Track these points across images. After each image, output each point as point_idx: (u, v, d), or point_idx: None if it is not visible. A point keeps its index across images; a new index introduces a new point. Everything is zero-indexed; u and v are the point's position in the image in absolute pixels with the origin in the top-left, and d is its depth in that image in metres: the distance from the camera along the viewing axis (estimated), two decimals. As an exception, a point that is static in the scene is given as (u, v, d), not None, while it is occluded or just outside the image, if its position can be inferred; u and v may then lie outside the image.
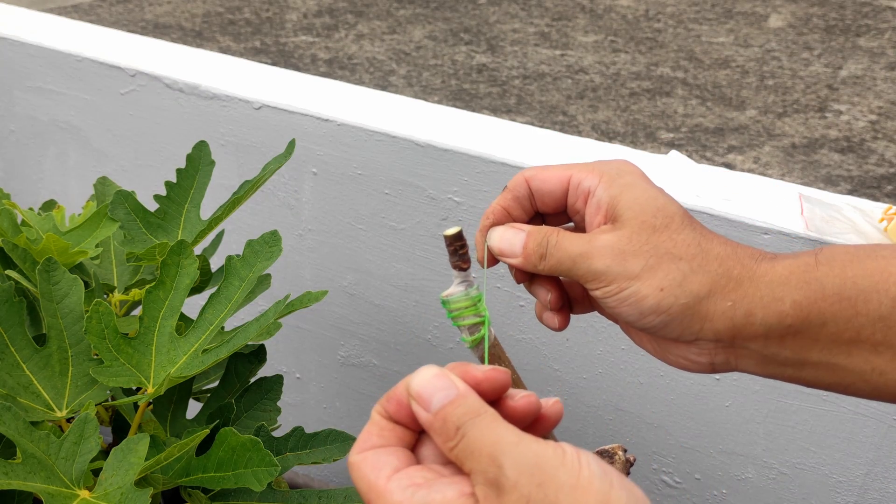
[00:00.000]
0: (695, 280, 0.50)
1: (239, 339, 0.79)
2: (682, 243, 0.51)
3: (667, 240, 0.51)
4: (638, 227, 0.51)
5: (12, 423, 0.70)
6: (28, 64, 1.44)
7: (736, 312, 0.50)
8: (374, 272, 1.25)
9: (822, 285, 0.49)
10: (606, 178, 0.53)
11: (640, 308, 0.51)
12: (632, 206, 0.52)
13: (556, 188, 0.55)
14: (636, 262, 0.51)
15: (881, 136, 3.03)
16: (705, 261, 0.51)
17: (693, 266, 0.50)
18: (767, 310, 0.50)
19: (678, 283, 0.50)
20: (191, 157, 0.95)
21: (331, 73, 3.49)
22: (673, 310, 0.50)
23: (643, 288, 0.50)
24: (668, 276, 0.50)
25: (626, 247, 0.51)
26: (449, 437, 0.39)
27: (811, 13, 4.15)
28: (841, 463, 1.05)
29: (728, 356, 0.52)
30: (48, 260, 0.81)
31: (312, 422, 1.40)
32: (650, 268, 0.50)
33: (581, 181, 0.54)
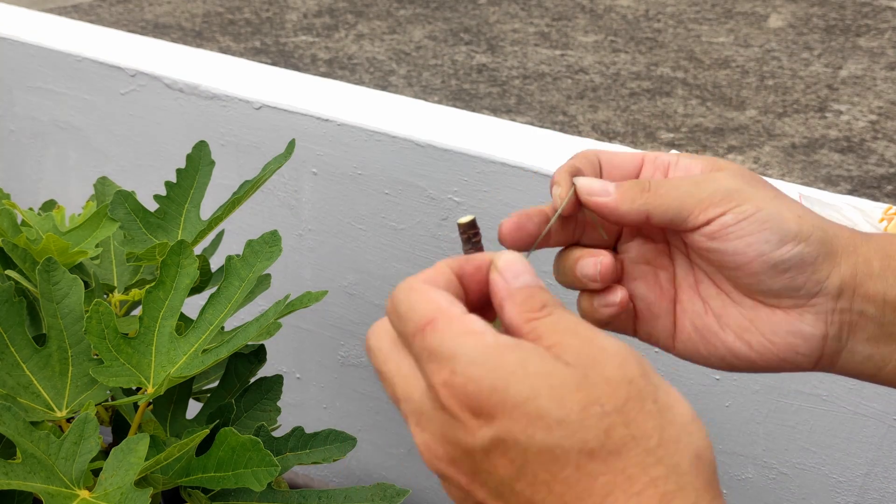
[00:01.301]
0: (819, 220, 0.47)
1: (239, 339, 0.79)
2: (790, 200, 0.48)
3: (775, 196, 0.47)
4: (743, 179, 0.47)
5: (12, 423, 0.70)
6: (28, 64, 1.44)
7: (858, 257, 0.46)
8: (374, 272, 1.25)
9: None
10: (688, 155, 0.50)
11: (782, 231, 0.45)
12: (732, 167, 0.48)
13: (628, 163, 0.50)
14: (769, 188, 0.46)
15: (881, 136, 3.03)
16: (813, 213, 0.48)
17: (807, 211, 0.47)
18: (884, 262, 0.46)
19: (811, 216, 0.46)
20: (191, 157, 0.95)
21: (331, 73, 3.49)
22: (812, 237, 0.45)
23: (784, 211, 0.45)
24: (801, 209, 0.46)
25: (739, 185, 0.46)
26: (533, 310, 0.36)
27: (811, 13, 4.15)
28: (841, 463, 1.05)
29: (842, 326, 0.47)
30: (48, 260, 0.81)
31: (312, 422, 1.40)
32: (781, 198, 0.46)
33: (658, 156, 0.50)
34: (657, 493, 0.32)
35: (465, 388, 0.34)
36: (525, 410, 0.33)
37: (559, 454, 0.32)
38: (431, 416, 0.35)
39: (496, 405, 0.33)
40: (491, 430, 0.33)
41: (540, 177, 1.08)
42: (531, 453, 0.33)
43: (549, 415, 0.32)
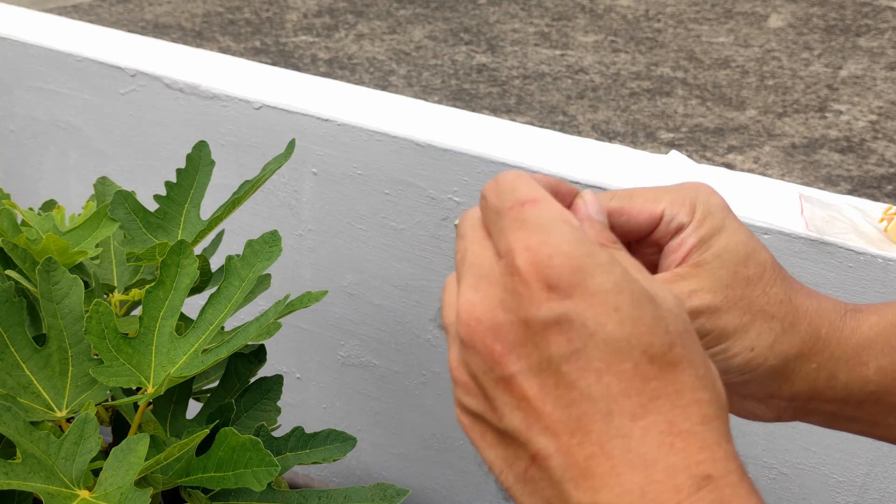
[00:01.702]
0: (785, 341, 0.47)
1: (239, 339, 0.79)
2: (774, 299, 0.47)
3: (761, 294, 0.47)
4: (731, 279, 0.46)
5: (12, 423, 0.70)
6: (28, 64, 1.44)
7: (819, 374, 0.47)
8: (374, 272, 1.25)
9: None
10: (699, 214, 0.47)
11: (727, 366, 0.47)
12: (723, 252, 0.47)
13: (644, 224, 0.48)
14: (730, 320, 0.46)
15: (881, 136, 3.03)
16: (796, 319, 0.47)
17: (784, 326, 0.47)
18: (851, 374, 0.47)
19: (769, 345, 0.46)
20: (191, 157, 0.94)
21: (331, 73, 3.49)
22: (759, 370, 0.47)
23: (734, 346, 0.46)
24: (761, 337, 0.46)
25: (720, 303, 0.46)
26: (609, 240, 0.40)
27: (811, 13, 4.15)
28: (841, 463, 1.05)
29: (797, 414, 0.49)
30: (48, 260, 0.81)
31: (312, 422, 1.40)
32: (743, 326, 0.46)
33: (675, 216, 0.47)
34: (700, 412, 0.34)
35: (550, 259, 0.34)
36: (604, 299, 0.34)
37: (623, 347, 0.33)
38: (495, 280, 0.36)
39: (576, 285, 0.34)
40: (562, 306, 0.34)
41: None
42: (596, 339, 0.33)
43: (625, 311, 0.34)
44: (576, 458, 0.33)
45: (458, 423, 0.39)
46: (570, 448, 0.34)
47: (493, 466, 0.37)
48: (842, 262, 0.97)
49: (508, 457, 0.36)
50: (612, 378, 0.33)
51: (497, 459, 0.36)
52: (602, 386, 0.33)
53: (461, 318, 0.36)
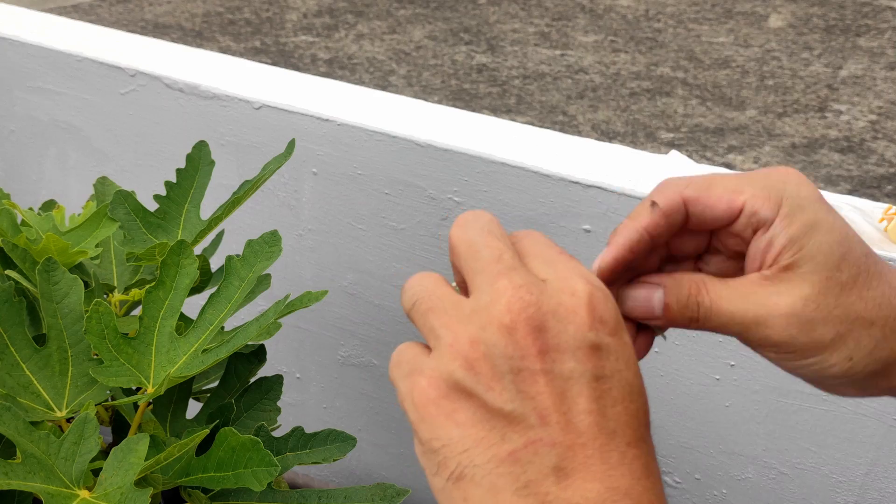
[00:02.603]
0: (886, 347, 0.45)
1: (239, 339, 0.79)
2: (872, 303, 0.44)
3: (857, 300, 0.44)
4: (824, 285, 0.43)
5: (12, 423, 0.70)
6: (28, 64, 1.44)
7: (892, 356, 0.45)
8: (374, 272, 1.25)
9: None
10: (786, 209, 0.44)
11: (824, 376, 0.45)
12: (816, 254, 0.44)
13: (722, 216, 0.45)
14: (826, 332, 0.44)
15: (881, 136, 3.03)
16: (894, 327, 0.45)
17: (885, 332, 0.44)
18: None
19: (869, 352, 0.44)
20: (191, 157, 0.94)
21: (331, 73, 3.49)
22: (858, 377, 0.45)
23: (831, 358, 0.44)
24: (860, 345, 0.44)
25: (813, 314, 0.43)
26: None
27: (811, 13, 4.15)
28: (841, 463, 1.05)
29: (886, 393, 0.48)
30: (48, 260, 0.81)
31: (312, 422, 1.40)
32: (841, 337, 0.44)
33: (757, 211, 0.44)
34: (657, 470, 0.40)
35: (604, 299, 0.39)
36: (630, 351, 0.40)
37: (634, 392, 0.39)
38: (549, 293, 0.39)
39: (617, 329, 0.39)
40: (607, 339, 0.39)
41: (540, 177, 1.08)
42: (621, 375, 0.39)
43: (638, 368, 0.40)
44: (576, 454, 0.37)
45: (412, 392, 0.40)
46: (574, 445, 0.37)
47: (450, 444, 0.38)
48: (842, 262, 0.97)
49: (489, 437, 0.38)
50: (623, 408, 0.39)
51: (464, 438, 0.38)
52: (615, 411, 0.38)
53: (511, 307, 0.38)
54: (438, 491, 0.39)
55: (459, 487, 0.38)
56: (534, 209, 1.10)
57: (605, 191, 1.05)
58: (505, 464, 0.38)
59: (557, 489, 0.37)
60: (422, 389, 0.39)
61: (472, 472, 0.38)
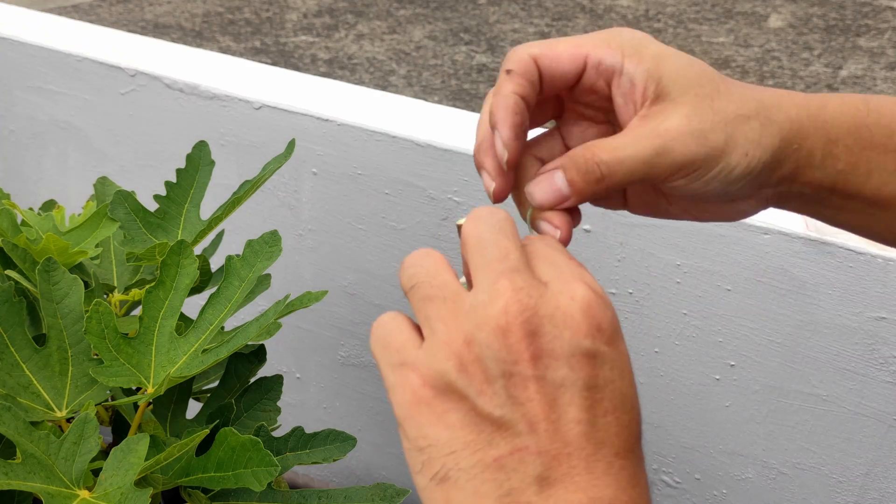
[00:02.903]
0: (768, 134, 0.48)
1: (239, 339, 0.79)
2: (739, 100, 0.48)
3: (727, 103, 0.47)
4: (695, 101, 0.47)
5: (12, 423, 0.70)
6: (28, 64, 1.44)
7: (800, 154, 0.49)
8: (374, 272, 1.25)
9: (872, 133, 0.49)
10: (630, 51, 0.48)
11: (730, 179, 0.48)
12: (676, 78, 0.47)
13: (569, 69, 0.48)
14: (717, 137, 0.47)
15: (881, 136, 3.03)
16: (768, 111, 0.48)
17: (762, 120, 0.48)
18: (825, 151, 0.49)
19: (757, 143, 0.48)
20: (191, 157, 0.94)
21: (331, 73, 3.49)
22: (756, 170, 0.48)
23: (731, 159, 0.47)
24: (749, 139, 0.48)
25: (700, 125, 0.47)
26: None
27: (811, 13, 4.15)
28: (841, 463, 1.05)
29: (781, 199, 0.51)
30: (48, 260, 0.81)
31: (312, 422, 1.40)
32: (731, 137, 0.47)
33: (602, 59, 0.48)
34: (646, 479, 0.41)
35: (605, 308, 0.39)
36: (625, 361, 0.40)
37: (626, 402, 0.39)
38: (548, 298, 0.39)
39: (614, 339, 0.39)
40: (603, 348, 0.38)
41: (540, 177, 1.08)
42: (614, 385, 0.39)
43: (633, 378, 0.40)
44: (561, 464, 0.37)
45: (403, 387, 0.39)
46: (560, 455, 0.37)
47: (437, 444, 0.38)
48: (842, 262, 0.97)
49: (476, 441, 0.38)
50: (614, 419, 0.38)
51: (452, 440, 0.38)
52: (605, 421, 0.38)
53: (508, 310, 0.38)
54: (421, 489, 0.39)
55: (442, 489, 0.38)
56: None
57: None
58: (490, 469, 0.38)
59: (539, 499, 0.37)
60: (414, 387, 0.39)
61: (456, 475, 0.38)
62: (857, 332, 0.99)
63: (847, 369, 1.01)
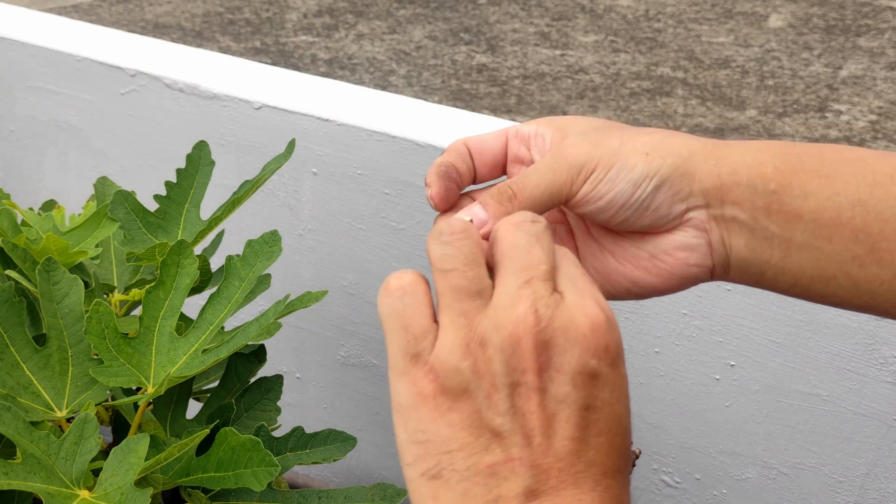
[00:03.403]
0: (673, 142, 0.51)
1: (239, 339, 0.79)
2: (643, 128, 0.52)
3: (626, 128, 0.52)
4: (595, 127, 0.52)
5: (12, 423, 0.70)
6: (28, 64, 1.44)
7: (721, 169, 0.50)
8: (374, 272, 1.25)
9: (801, 160, 0.49)
10: (543, 122, 0.54)
11: (632, 177, 0.50)
12: (574, 126, 0.53)
13: (495, 144, 0.55)
14: (613, 138, 0.51)
15: (881, 136, 3.03)
16: (673, 133, 0.51)
17: (664, 135, 0.51)
18: (751, 170, 0.49)
19: (659, 144, 0.50)
20: (191, 157, 0.94)
21: (331, 73, 3.49)
22: (663, 170, 0.50)
23: (630, 158, 0.50)
24: (649, 141, 0.51)
25: (595, 132, 0.51)
26: None
27: (811, 13, 4.15)
28: (841, 463, 1.05)
29: (721, 231, 0.51)
30: (48, 260, 0.81)
31: (312, 422, 1.40)
32: (628, 139, 0.51)
33: (518, 129, 0.55)
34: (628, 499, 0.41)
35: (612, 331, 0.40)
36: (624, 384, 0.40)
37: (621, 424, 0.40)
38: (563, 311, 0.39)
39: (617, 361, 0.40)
40: (606, 369, 0.39)
41: (540, 177, 1.08)
42: (611, 408, 0.39)
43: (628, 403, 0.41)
44: (550, 479, 0.38)
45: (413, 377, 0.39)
46: (550, 469, 0.38)
47: (435, 441, 0.39)
48: (842, 262, 0.97)
49: (474, 445, 0.38)
50: (606, 440, 0.39)
51: (450, 440, 0.39)
52: (598, 441, 0.39)
53: (525, 320, 0.39)
54: (409, 480, 0.40)
55: (431, 486, 0.39)
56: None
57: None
58: (482, 474, 0.38)
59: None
60: (423, 381, 0.39)
61: (448, 475, 0.39)
62: (857, 332, 0.99)
63: (847, 369, 1.01)
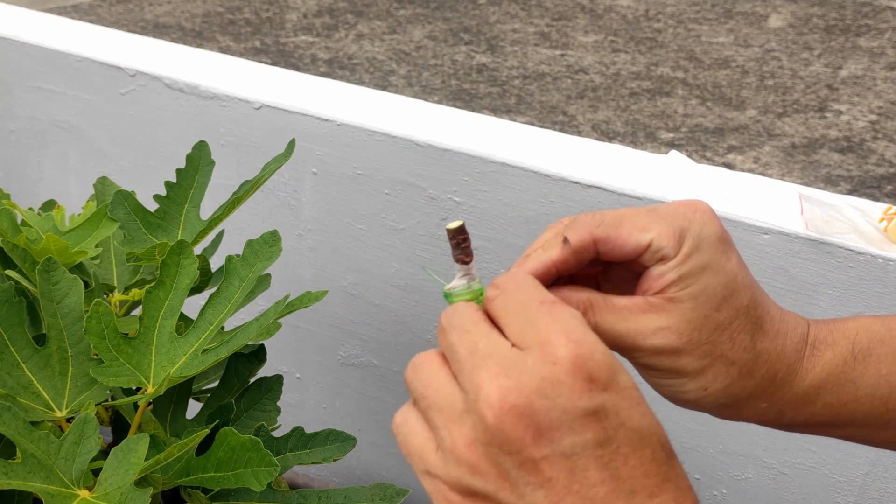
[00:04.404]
0: (739, 385, 0.48)
1: (239, 339, 0.79)
2: (739, 346, 0.48)
3: (727, 340, 0.47)
4: (700, 323, 0.47)
5: (12, 423, 0.70)
6: (28, 64, 1.44)
7: (768, 412, 0.50)
8: (374, 272, 1.25)
9: (857, 386, 0.49)
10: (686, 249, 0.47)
11: (678, 398, 0.49)
12: (699, 294, 0.47)
13: (630, 253, 0.48)
14: (690, 363, 0.48)
15: (881, 136, 3.03)
16: (755, 365, 0.48)
17: (742, 372, 0.48)
18: (798, 412, 0.50)
19: (724, 388, 0.48)
20: (191, 157, 0.94)
21: (331, 73, 3.49)
22: (709, 408, 0.50)
23: (688, 384, 0.48)
24: (717, 380, 0.48)
25: (682, 346, 0.47)
26: None
27: (811, 13, 4.15)
28: (841, 463, 1.05)
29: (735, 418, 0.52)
30: (48, 260, 0.81)
31: (312, 422, 1.40)
32: (702, 369, 0.48)
33: (661, 248, 0.47)
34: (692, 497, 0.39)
35: (592, 354, 0.38)
36: (630, 394, 0.38)
37: (644, 436, 0.38)
38: (527, 368, 0.38)
39: (610, 381, 0.38)
40: (600, 398, 0.38)
41: (540, 177, 1.08)
42: (625, 428, 0.38)
43: (643, 405, 0.39)
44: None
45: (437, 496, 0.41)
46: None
47: None
48: (842, 262, 0.97)
49: None
50: (636, 461, 0.38)
51: None
52: (629, 468, 0.38)
53: (491, 402, 0.37)
54: None
55: None
56: (534, 209, 1.10)
57: (605, 191, 1.05)
58: None
59: None
60: (443, 493, 0.40)
61: None
62: (857, 332, 0.99)
63: (847, 369, 1.01)
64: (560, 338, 0.38)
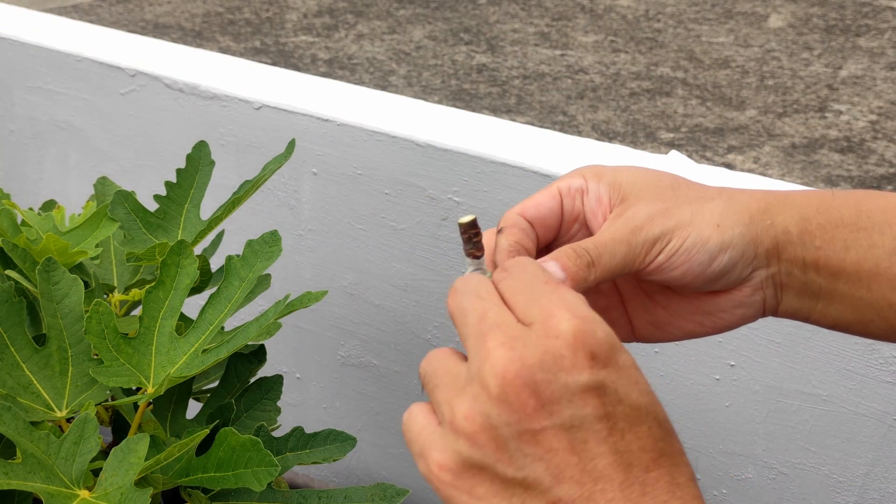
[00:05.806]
0: (734, 209, 0.52)
1: (239, 339, 0.79)
2: (700, 189, 0.52)
3: (688, 191, 0.52)
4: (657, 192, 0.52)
5: (12, 423, 0.70)
6: (28, 64, 1.44)
7: (776, 229, 0.52)
8: (374, 272, 1.25)
9: (841, 214, 0.52)
10: (590, 174, 0.53)
11: (709, 250, 0.51)
12: (634, 182, 0.52)
13: (551, 208, 0.54)
14: (683, 212, 0.51)
15: (881, 136, 3.03)
16: (730, 196, 0.52)
17: (725, 201, 0.52)
18: (799, 227, 0.52)
19: (726, 212, 0.51)
20: (191, 157, 0.94)
21: (331, 73, 3.49)
22: (734, 241, 0.51)
23: (703, 230, 0.51)
24: (716, 212, 0.51)
25: (665, 205, 0.51)
26: None
27: (811, 13, 4.15)
28: (841, 463, 1.05)
29: (775, 288, 0.53)
30: (48, 260, 0.81)
31: (312, 422, 1.40)
32: (697, 212, 0.51)
33: (569, 184, 0.54)
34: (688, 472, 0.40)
35: (594, 331, 0.39)
36: (629, 373, 0.40)
37: (641, 413, 0.39)
38: (531, 342, 0.39)
39: (611, 358, 0.39)
40: (600, 374, 0.39)
41: (540, 177, 1.08)
42: (623, 405, 0.39)
43: (642, 384, 0.40)
44: (598, 502, 0.38)
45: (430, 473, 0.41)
46: (594, 494, 0.38)
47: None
48: (842, 262, 0.97)
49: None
50: (633, 437, 0.39)
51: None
52: (625, 442, 0.39)
53: (496, 369, 0.38)
54: None
55: None
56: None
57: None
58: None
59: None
60: (436, 471, 0.40)
61: None
62: (857, 332, 0.99)
63: (847, 369, 1.01)
64: (563, 313, 0.39)
